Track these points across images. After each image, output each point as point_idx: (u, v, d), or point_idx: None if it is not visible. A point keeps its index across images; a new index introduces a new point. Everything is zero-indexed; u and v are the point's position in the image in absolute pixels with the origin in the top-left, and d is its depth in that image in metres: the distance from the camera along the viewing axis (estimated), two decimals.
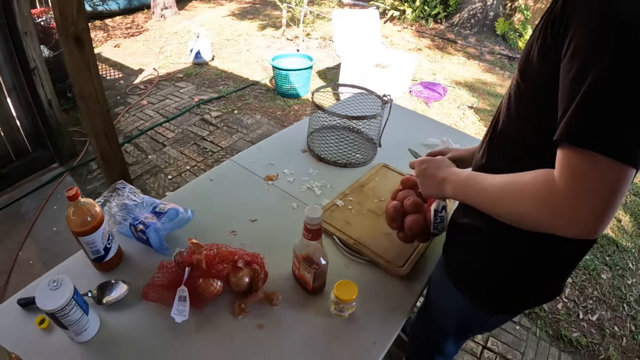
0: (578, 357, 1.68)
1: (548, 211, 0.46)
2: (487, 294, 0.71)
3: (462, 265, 0.73)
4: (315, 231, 0.67)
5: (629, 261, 2.21)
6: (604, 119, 0.41)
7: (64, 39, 1.14)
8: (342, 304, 0.70)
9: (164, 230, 0.82)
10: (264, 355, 0.69)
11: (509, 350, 1.68)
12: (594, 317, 1.87)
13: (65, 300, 0.63)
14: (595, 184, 0.42)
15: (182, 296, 0.72)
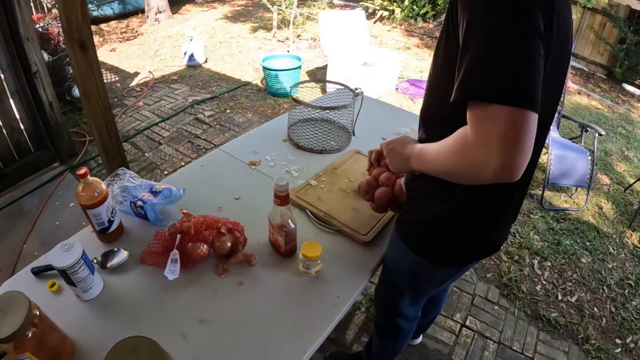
0: (557, 336, 1.75)
1: (466, 159, 0.54)
2: (427, 246, 0.81)
3: (406, 222, 0.84)
4: (283, 197, 0.79)
5: (609, 246, 2.31)
6: (482, 75, 0.49)
7: (70, 44, 1.27)
8: (308, 261, 0.82)
9: (159, 205, 0.93)
10: (243, 306, 0.80)
11: (487, 328, 1.76)
12: (572, 298, 1.95)
13: (75, 259, 0.75)
14: (495, 128, 0.48)
15: (174, 259, 0.83)
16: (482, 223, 0.75)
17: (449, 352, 1.64)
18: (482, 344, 1.69)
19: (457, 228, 0.75)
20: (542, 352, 1.68)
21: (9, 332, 0.58)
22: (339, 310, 0.80)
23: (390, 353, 1.27)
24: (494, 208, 0.73)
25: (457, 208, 0.72)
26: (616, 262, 2.21)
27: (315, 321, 0.78)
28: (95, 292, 0.82)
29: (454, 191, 0.69)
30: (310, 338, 0.74)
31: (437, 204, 0.75)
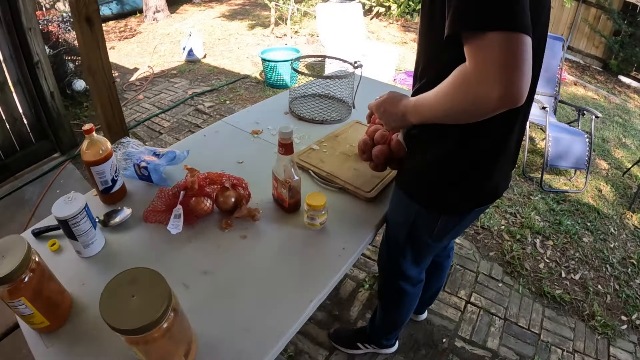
0: (562, 313, 1.75)
1: (469, 93, 0.54)
2: (425, 193, 0.80)
3: (405, 171, 0.85)
4: (288, 145, 0.79)
5: (610, 227, 2.31)
6: (473, 7, 0.51)
7: (77, 19, 1.31)
8: (312, 211, 0.81)
9: (163, 165, 0.93)
10: (246, 259, 0.80)
11: (492, 305, 1.75)
12: (576, 276, 1.96)
13: (78, 209, 0.74)
14: (492, 55, 0.50)
15: (177, 214, 0.83)
16: (477, 167, 0.74)
17: (454, 328, 1.63)
18: (488, 320, 1.68)
19: (452, 172, 0.75)
20: (548, 328, 1.68)
21: (4, 273, 0.56)
22: (344, 261, 0.80)
23: (395, 323, 1.25)
24: (488, 151, 0.73)
25: (450, 152, 0.73)
26: (618, 242, 2.22)
27: (320, 272, 0.78)
28: (97, 248, 0.81)
29: (446, 135, 0.70)
30: (316, 288, 0.74)
31: (430, 149, 0.75)
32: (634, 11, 4.63)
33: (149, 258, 0.79)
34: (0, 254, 0.61)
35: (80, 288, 0.73)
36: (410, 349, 1.53)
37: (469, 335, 1.60)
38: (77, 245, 0.79)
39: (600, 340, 1.65)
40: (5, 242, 0.63)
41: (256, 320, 0.67)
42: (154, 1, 5.49)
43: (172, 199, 0.87)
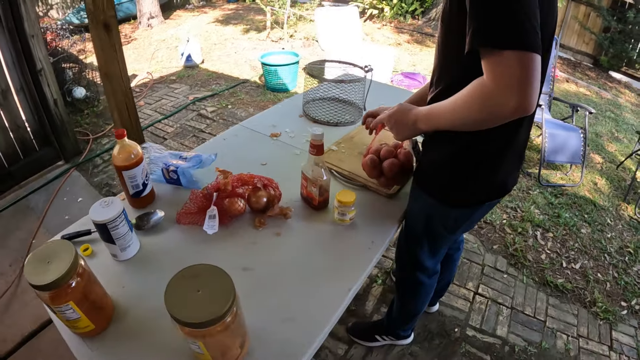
0: (565, 300, 1.83)
1: (486, 104, 0.61)
2: (439, 187, 0.86)
3: (421, 168, 0.91)
4: (319, 147, 0.84)
5: (607, 218, 2.40)
6: (494, 27, 0.57)
7: (95, 25, 1.33)
8: (343, 207, 0.86)
9: (192, 168, 0.97)
10: (283, 254, 0.84)
11: (499, 295, 1.82)
12: (576, 265, 2.03)
13: (117, 213, 0.76)
14: (509, 71, 0.56)
15: (212, 215, 0.86)
16: (487, 163, 0.80)
17: (465, 318, 1.69)
18: (496, 309, 1.75)
19: (464, 169, 0.81)
20: (553, 315, 1.75)
21: (53, 278, 0.56)
22: (375, 253, 0.85)
23: (411, 314, 1.31)
24: (497, 148, 0.78)
25: (461, 150, 0.79)
26: (614, 232, 2.31)
27: (354, 263, 0.82)
28: (133, 251, 0.83)
29: (458, 134, 0.76)
30: (352, 277, 0.79)
31: (443, 147, 0.82)
32: (623, 7, 4.78)
33: (186, 258, 0.81)
34: (46, 259, 0.60)
35: (121, 291, 0.75)
36: (424, 339, 1.58)
37: (479, 324, 1.67)
38: (114, 249, 0.80)
39: (603, 325, 1.73)
40: (49, 247, 0.63)
41: (299, 310, 0.71)
42: (148, 7, 5.49)
43: (204, 201, 0.90)
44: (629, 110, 4.09)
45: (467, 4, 0.60)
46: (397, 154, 0.95)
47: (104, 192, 2.33)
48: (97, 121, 3.13)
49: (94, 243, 0.85)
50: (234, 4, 7.46)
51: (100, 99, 3.41)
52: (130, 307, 0.72)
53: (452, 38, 0.70)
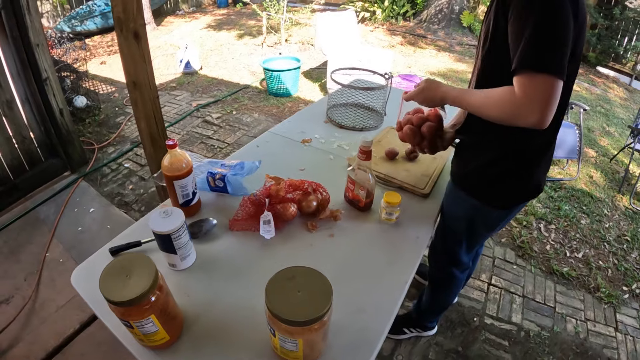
0: (571, 287, 1.94)
1: (511, 111, 0.71)
2: (483, 190, 0.93)
3: (462, 173, 0.97)
4: (369, 152, 0.89)
5: (604, 209, 2.54)
6: (535, 53, 0.67)
7: (125, 34, 1.31)
8: (391, 207, 0.92)
9: (241, 174, 1.00)
10: (340, 253, 0.89)
11: (511, 285, 1.93)
12: (579, 254, 2.15)
13: (180, 223, 0.76)
14: (536, 90, 0.67)
15: (267, 220, 0.90)
16: (527, 165, 0.89)
17: (482, 308, 1.79)
18: (509, 298, 1.85)
19: (506, 172, 0.89)
20: (561, 301, 1.86)
21: (136, 294, 0.55)
22: (421, 247, 0.91)
23: (442, 307, 1.38)
24: (533, 154, 0.88)
25: (504, 155, 0.87)
26: (612, 222, 2.44)
27: (404, 257, 0.89)
28: (192, 259, 0.84)
29: (499, 140, 0.86)
30: (405, 270, 0.85)
31: (487, 153, 0.90)
32: (609, 4, 4.99)
33: (246, 263, 0.85)
34: (124, 272, 0.59)
35: (186, 299, 0.76)
36: (447, 329, 1.66)
37: (495, 313, 1.77)
38: (173, 259, 0.81)
39: (607, 308, 1.85)
40: (124, 260, 0.62)
41: (366, 302, 0.77)
42: None
43: (255, 207, 0.94)
44: (618, 105, 4.29)
45: (513, 28, 0.71)
46: (428, 117, 1.00)
47: (116, 201, 2.32)
48: (100, 130, 3.10)
49: (146, 254, 0.86)
50: (224, 9, 7.45)
51: (101, 108, 3.38)
52: (199, 314, 0.73)
53: (495, 55, 0.80)
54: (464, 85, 4.19)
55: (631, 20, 4.83)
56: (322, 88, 3.91)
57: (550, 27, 0.67)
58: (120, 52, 1.39)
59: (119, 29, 1.32)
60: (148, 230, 0.78)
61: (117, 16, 1.30)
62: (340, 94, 1.51)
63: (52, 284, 1.81)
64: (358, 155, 0.91)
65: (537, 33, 0.67)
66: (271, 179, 0.94)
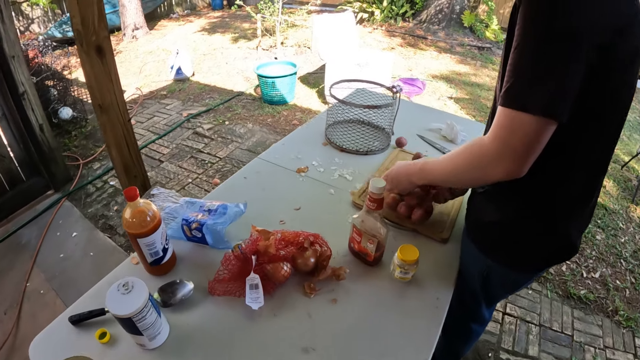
0: (589, 312, 1.82)
1: (482, 161, 0.60)
2: (503, 248, 0.76)
3: (478, 225, 0.81)
4: (380, 200, 0.73)
5: (618, 222, 2.40)
6: (515, 89, 0.54)
7: (85, 49, 1.13)
8: (407, 265, 0.76)
9: (222, 224, 0.83)
10: (344, 325, 0.72)
11: (526, 313, 1.79)
12: (596, 274, 2.03)
13: (143, 303, 0.61)
14: (512, 131, 0.54)
15: (254, 284, 0.74)
16: (556, 221, 0.71)
17: (497, 341, 1.66)
18: (526, 328, 1.72)
19: (531, 227, 0.72)
20: (579, 328, 1.75)
21: None
22: (442, 312, 0.76)
23: (457, 356, 1.22)
24: (567, 205, 0.70)
25: (529, 204, 0.70)
26: (627, 236, 2.31)
27: (422, 327, 0.73)
28: (163, 337, 0.69)
29: (521, 193, 0.69)
30: (425, 345, 0.69)
31: (506, 203, 0.73)
32: None
33: (229, 341, 0.70)
34: None
35: None
36: None
37: (511, 346, 1.64)
38: (141, 340, 0.66)
39: (626, 333, 1.74)
40: None
41: None
42: (132, 18, 5.27)
43: (240, 263, 0.78)
44: None
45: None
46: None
47: (100, 225, 2.16)
48: (86, 143, 2.94)
49: (112, 325, 0.71)
50: (219, 12, 7.29)
51: (87, 119, 3.22)
52: None
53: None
54: (471, 88, 4.03)
55: None
56: (320, 95, 3.74)
57: (543, 55, 0.52)
58: (83, 71, 1.21)
59: (79, 43, 1.13)
60: None
61: (75, 28, 1.11)
62: (340, 109, 1.34)
63: (33, 319, 1.70)
64: (367, 203, 0.74)
65: (525, 60, 0.54)
66: (258, 232, 0.77)
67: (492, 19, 5.40)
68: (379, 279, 0.81)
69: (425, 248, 0.89)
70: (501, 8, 5.66)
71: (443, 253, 0.89)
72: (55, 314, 0.75)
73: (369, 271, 0.83)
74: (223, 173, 2.59)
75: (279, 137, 2.97)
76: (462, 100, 3.75)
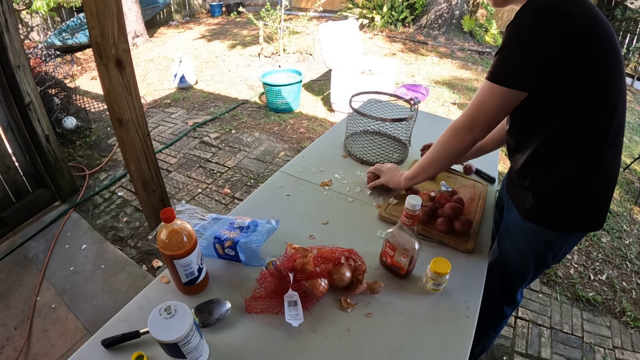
0: (597, 313, 1.87)
1: (453, 129, 0.84)
2: (560, 212, 0.85)
3: (534, 201, 0.87)
4: (416, 216, 0.74)
5: (623, 224, 2.44)
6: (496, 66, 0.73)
7: (104, 62, 1.10)
8: (440, 277, 0.78)
9: (257, 242, 0.83)
10: (380, 338, 0.73)
11: (538, 316, 1.83)
12: (603, 276, 2.07)
13: (188, 327, 0.61)
14: (479, 99, 0.77)
15: (292, 301, 0.74)
16: (596, 192, 0.84)
17: (511, 345, 1.69)
18: (537, 332, 1.76)
19: (585, 192, 0.83)
20: (589, 330, 1.79)
21: None
22: (473, 321, 0.78)
23: (484, 348, 1.30)
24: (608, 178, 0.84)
25: (580, 174, 0.81)
26: (632, 238, 2.36)
27: (457, 335, 0.75)
28: (205, 358, 0.68)
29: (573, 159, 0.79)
30: (459, 352, 0.71)
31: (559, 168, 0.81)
32: (610, 5, 4.93)
33: (271, 356, 0.70)
34: None
35: None
36: None
37: (524, 349, 1.68)
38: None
39: (634, 333, 1.79)
40: None
41: None
42: (133, 25, 5.27)
43: (275, 280, 0.78)
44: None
45: None
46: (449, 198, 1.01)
47: (110, 236, 2.15)
48: (91, 153, 2.92)
49: (148, 347, 0.70)
50: (218, 18, 7.31)
51: (92, 128, 3.21)
52: None
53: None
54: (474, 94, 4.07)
55: (632, 21, 4.77)
56: (325, 102, 3.76)
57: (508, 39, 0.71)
58: (102, 84, 1.18)
59: (98, 56, 1.09)
60: (146, 312, 0.63)
61: (94, 40, 1.09)
62: (357, 120, 1.35)
63: (45, 334, 1.66)
64: (402, 219, 0.76)
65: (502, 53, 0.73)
66: (295, 249, 0.78)
67: (492, 23, 5.47)
68: (411, 292, 0.83)
69: (452, 258, 0.90)
70: (500, 12, 5.74)
71: (468, 262, 0.92)
72: (68, 329, 0.73)
73: (401, 284, 0.84)
74: (233, 183, 2.58)
75: (287, 146, 2.98)
76: (465, 106, 3.78)
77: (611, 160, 0.82)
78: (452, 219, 0.95)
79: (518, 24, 0.69)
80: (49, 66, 2.97)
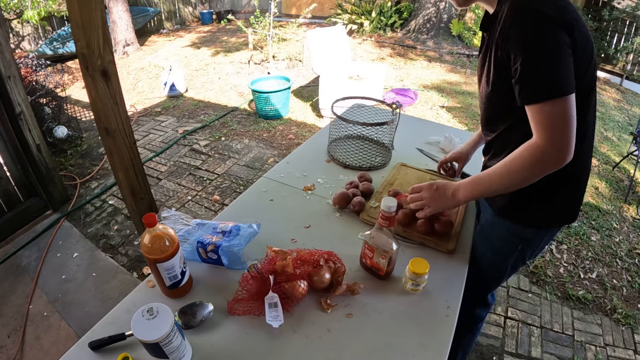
0: (588, 311, 1.88)
1: (542, 161, 0.72)
2: (537, 214, 0.87)
3: (510, 199, 0.89)
4: (392, 218, 0.77)
5: (612, 222, 2.48)
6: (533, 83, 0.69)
7: (91, 73, 1.13)
8: (418, 277, 0.80)
9: (239, 246, 0.86)
10: (360, 338, 0.75)
11: (527, 316, 1.84)
12: (593, 274, 2.09)
13: (169, 327, 0.63)
14: (556, 119, 0.68)
15: (273, 302, 0.76)
16: (574, 179, 0.86)
17: (501, 345, 1.69)
18: (527, 331, 1.77)
19: (557, 187, 0.85)
20: (579, 328, 1.80)
21: None
22: (453, 320, 0.79)
23: (465, 351, 1.27)
24: (581, 170, 0.87)
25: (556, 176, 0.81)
26: (621, 236, 2.38)
27: (437, 334, 0.76)
28: (188, 359, 0.70)
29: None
30: (440, 352, 0.73)
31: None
32: (597, 6, 5.02)
33: (252, 357, 0.72)
34: None
35: None
36: None
37: (514, 349, 1.68)
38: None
39: (625, 330, 1.80)
40: None
41: None
42: (123, 34, 5.30)
43: (257, 283, 0.80)
44: (612, 107, 4.28)
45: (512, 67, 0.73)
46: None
47: (101, 245, 2.15)
48: (82, 162, 2.92)
49: (133, 349, 0.72)
50: (208, 26, 7.36)
51: (83, 137, 3.21)
52: None
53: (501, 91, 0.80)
54: (463, 97, 4.13)
55: (619, 21, 4.86)
56: (314, 108, 3.80)
57: (540, 56, 0.68)
58: (88, 94, 1.21)
59: (84, 67, 1.13)
60: (131, 315, 0.65)
61: (80, 52, 1.12)
62: (341, 126, 1.38)
63: (37, 342, 1.66)
64: (379, 220, 0.78)
65: (528, 68, 0.69)
66: (275, 252, 0.80)
67: None
68: (391, 292, 0.84)
69: (432, 259, 0.92)
70: None
71: (448, 263, 0.93)
72: (60, 337, 0.75)
73: (381, 285, 0.86)
74: (222, 190, 2.60)
75: (276, 152, 3.00)
76: (454, 109, 3.83)
77: (583, 153, 0.83)
78: (433, 220, 0.97)
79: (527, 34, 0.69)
80: (39, 75, 2.98)
